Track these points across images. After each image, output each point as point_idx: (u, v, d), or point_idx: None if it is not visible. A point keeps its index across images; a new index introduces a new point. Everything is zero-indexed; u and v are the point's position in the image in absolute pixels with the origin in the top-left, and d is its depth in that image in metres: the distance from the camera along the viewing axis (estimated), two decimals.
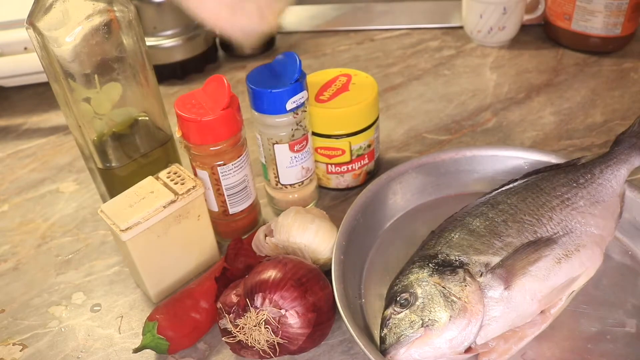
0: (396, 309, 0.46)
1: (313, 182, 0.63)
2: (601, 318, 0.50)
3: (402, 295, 0.46)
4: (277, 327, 0.45)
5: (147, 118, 0.60)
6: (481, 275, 0.46)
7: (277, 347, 0.46)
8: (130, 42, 0.54)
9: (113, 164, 0.58)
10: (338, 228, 0.54)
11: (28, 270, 0.60)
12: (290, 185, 0.61)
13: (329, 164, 0.63)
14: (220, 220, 0.59)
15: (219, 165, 0.54)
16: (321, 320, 0.47)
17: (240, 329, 0.46)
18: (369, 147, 0.63)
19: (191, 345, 0.51)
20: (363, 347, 0.44)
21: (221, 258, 0.56)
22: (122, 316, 0.55)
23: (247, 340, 0.46)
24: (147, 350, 0.50)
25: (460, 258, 0.48)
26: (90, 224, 0.65)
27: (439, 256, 0.49)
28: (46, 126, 0.82)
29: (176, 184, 0.53)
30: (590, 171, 0.54)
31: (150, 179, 0.54)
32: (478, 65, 0.87)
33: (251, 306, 0.46)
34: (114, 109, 0.57)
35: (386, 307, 0.47)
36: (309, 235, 0.53)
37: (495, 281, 0.46)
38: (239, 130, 0.54)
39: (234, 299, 0.47)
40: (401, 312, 0.45)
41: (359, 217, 0.56)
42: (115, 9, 0.52)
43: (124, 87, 0.56)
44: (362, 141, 0.62)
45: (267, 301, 0.46)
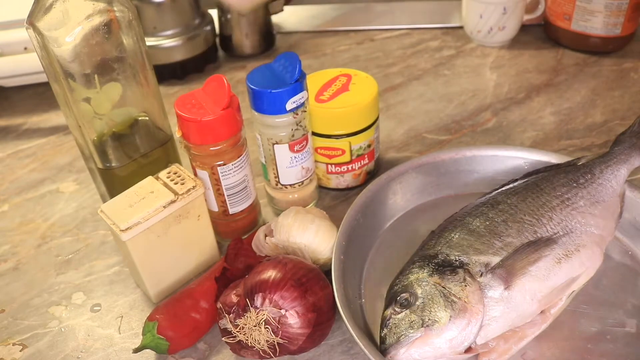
0: (396, 309, 0.46)
1: (313, 182, 0.63)
2: (601, 318, 0.50)
3: (402, 295, 0.46)
4: (277, 327, 0.45)
5: (147, 118, 0.60)
6: (481, 275, 0.46)
7: (277, 347, 0.46)
8: (130, 42, 0.54)
9: (113, 164, 0.58)
10: (338, 228, 0.54)
11: (28, 270, 0.60)
12: (290, 185, 0.61)
13: (329, 164, 0.63)
14: (220, 220, 0.59)
15: (219, 165, 0.54)
16: (321, 320, 0.47)
17: (240, 329, 0.46)
18: (369, 147, 0.63)
19: (191, 345, 0.51)
20: (363, 347, 0.44)
21: (221, 258, 0.56)
22: (122, 316, 0.55)
23: (247, 340, 0.46)
24: (147, 350, 0.50)
25: (460, 258, 0.48)
26: (90, 224, 0.65)
27: (439, 256, 0.49)
28: (46, 126, 0.82)
29: (176, 184, 0.53)
30: (590, 171, 0.54)
31: (150, 179, 0.54)
32: (478, 65, 0.87)
33: (251, 306, 0.46)
34: (114, 109, 0.57)
35: (386, 307, 0.47)
36: (309, 235, 0.53)
37: (495, 281, 0.46)
38: (239, 130, 0.54)
39: (234, 299, 0.47)
40: (401, 312, 0.45)
41: (359, 217, 0.56)
42: (115, 9, 0.52)
43: (124, 87, 0.56)
44: (362, 141, 0.62)
45: (267, 301, 0.46)
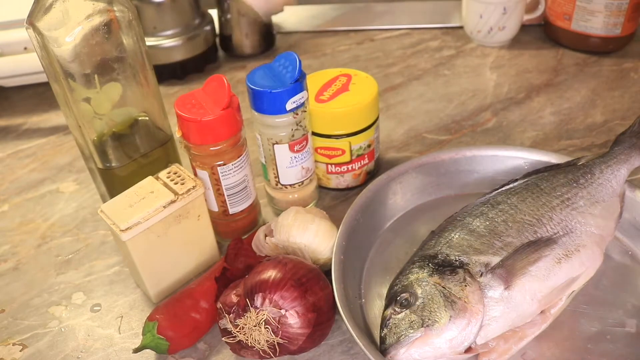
0: (396, 309, 0.46)
1: (313, 182, 0.63)
2: (601, 318, 0.50)
3: (402, 295, 0.46)
4: (277, 327, 0.45)
5: (147, 118, 0.60)
6: (481, 275, 0.46)
7: (277, 347, 0.46)
8: (130, 42, 0.54)
9: (113, 164, 0.58)
10: (338, 228, 0.54)
11: (28, 270, 0.60)
12: (290, 185, 0.61)
13: (329, 164, 0.63)
14: (220, 220, 0.59)
15: (219, 165, 0.54)
16: (321, 320, 0.47)
17: (240, 329, 0.46)
18: (369, 147, 0.63)
19: (191, 345, 0.51)
20: (363, 347, 0.44)
21: (221, 258, 0.56)
22: (122, 316, 0.55)
23: (247, 340, 0.46)
24: (147, 350, 0.50)
25: (460, 258, 0.48)
26: (90, 224, 0.65)
27: (439, 256, 0.49)
28: (46, 126, 0.82)
29: (176, 184, 0.53)
30: (590, 171, 0.54)
31: (150, 179, 0.54)
32: (478, 65, 0.87)
33: (251, 306, 0.46)
34: (114, 109, 0.57)
35: (386, 307, 0.47)
36: (309, 235, 0.53)
37: (495, 281, 0.46)
38: (239, 130, 0.54)
39: (234, 299, 0.47)
40: (401, 312, 0.45)
41: (359, 217, 0.56)
42: (115, 9, 0.52)
43: (124, 87, 0.56)
44: (362, 141, 0.62)
45: (267, 301, 0.46)
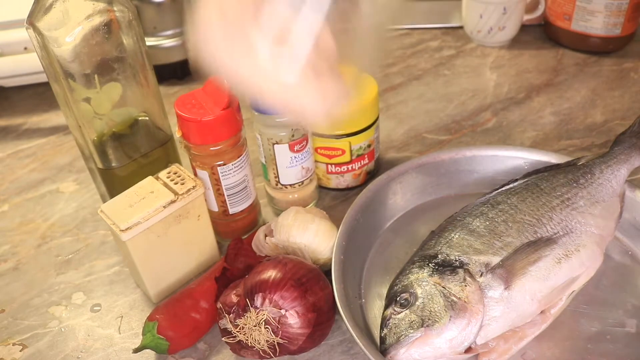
0: (396, 309, 0.46)
1: (313, 182, 0.63)
2: (601, 318, 0.49)
3: (402, 295, 0.46)
4: (277, 327, 0.45)
5: (147, 118, 0.60)
6: (481, 275, 0.46)
7: (277, 347, 0.46)
8: (130, 42, 0.54)
9: (113, 164, 0.58)
10: (338, 228, 0.54)
11: (28, 270, 0.60)
12: (290, 185, 0.61)
13: (329, 164, 0.63)
14: (220, 220, 0.59)
15: (219, 165, 0.54)
16: (321, 320, 0.47)
17: (240, 329, 0.46)
18: (369, 147, 0.63)
19: (191, 345, 0.51)
20: (363, 347, 0.44)
21: (221, 258, 0.56)
22: (122, 316, 0.55)
23: (247, 340, 0.46)
24: (147, 350, 0.50)
25: (460, 258, 0.48)
26: (90, 224, 0.65)
27: (439, 256, 0.49)
28: (46, 126, 0.82)
29: (176, 184, 0.53)
30: (590, 171, 0.54)
31: (150, 179, 0.54)
32: (478, 65, 0.87)
33: (251, 306, 0.46)
34: (114, 109, 0.57)
35: (386, 307, 0.47)
36: (309, 235, 0.53)
37: (495, 281, 0.46)
38: (239, 130, 0.54)
39: (234, 299, 0.47)
40: (401, 312, 0.45)
41: (359, 217, 0.56)
42: (115, 9, 0.52)
43: (124, 87, 0.56)
44: (362, 141, 0.62)
45: (267, 301, 0.46)
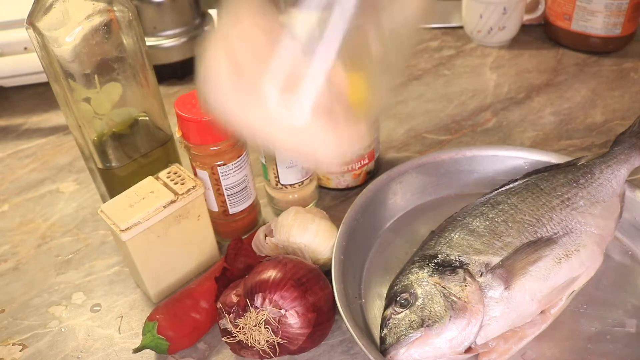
0: (396, 309, 0.46)
1: (313, 182, 0.63)
2: (601, 318, 0.50)
3: (402, 295, 0.46)
4: (277, 327, 0.45)
5: (147, 118, 0.60)
6: (481, 275, 0.46)
7: (277, 347, 0.46)
8: (130, 42, 0.54)
9: (113, 164, 0.58)
10: (338, 228, 0.54)
11: (28, 270, 0.60)
12: (290, 185, 0.61)
13: None
14: (220, 220, 0.59)
15: (219, 165, 0.54)
16: (321, 320, 0.47)
17: (240, 329, 0.46)
18: (369, 147, 0.63)
19: (191, 345, 0.51)
20: (363, 347, 0.44)
21: (221, 258, 0.56)
22: (122, 316, 0.55)
23: (247, 340, 0.46)
24: (147, 350, 0.50)
25: (460, 258, 0.48)
26: (90, 224, 0.65)
27: (439, 256, 0.49)
28: (46, 126, 0.82)
29: (176, 184, 0.53)
30: (590, 171, 0.54)
31: (150, 179, 0.54)
32: (478, 65, 0.87)
33: (251, 306, 0.46)
34: (114, 109, 0.57)
35: (386, 307, 0.47)
36: (309, 235, 0.53)
37: (495, 281, 0.46)
38: None
39: (234, 299, 0.47)
40: (401, 312, 0.45)
41: (359, 217, 0.56)
42: (115, 9, 0.52)
43: (124, 87, 0.56)
44: None
45: (267, 301, 0.46)
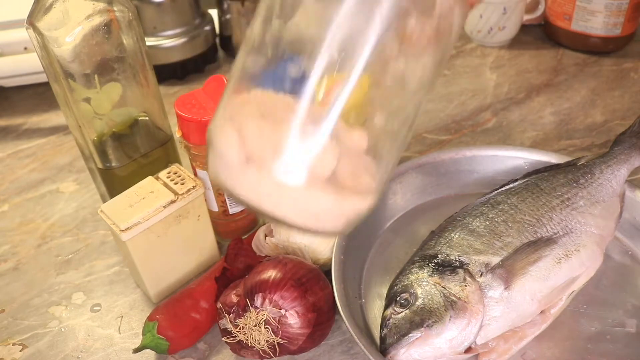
0: (396, 309, 0.46)
1: None
2: (601, 318, 0.50)
3: (402, 295, 0.46)
4: (277, 327, 0.45)
5: (147, 118, 0.60)
6: (481, 275, 0.46)
7: (277, 347, 0.46)
8: (130, 42, 0.54)
9: (113, 164, 0.58)
10: None
11: (28, 270, 0.60)
12: None
13: None
14: (220, 220, 0.59)
15: None
16: (321, 320, 0.47)
17: (240, 329, 0.46)
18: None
19: (191, 345, 0.51)
20: (363, 347, 0.44)
21: (221, 258, 0.56)
22: (122, 316, 0.55)
23: (247, 340, 0.46)
24: (147, 350, 0.50)
25: (460, 258, 0.48)
26: (90, 224, 0.65)
27: (439, 256, 0.49)
28: (46, 126, 0.82)
29: (176, 184, 0.53)
30: (590, 171, 0.54)
31: (150, 179, 0.54)
32: (478, 65, 0.87)
33: (251, 306, 0.46)
34: (114, 109, 0.57)
35: (386, 307, 0.47)
36: (309, 235, 0.53)
37: (495, 281, 0.46)
38: None
39: (234, 299, 0.47)
40: (401, 312, 0.45)
41: None
42: (115, 9, 0.52)
43: (124, 87, 0.56)
44: None
45: (267, 301, 0.46)
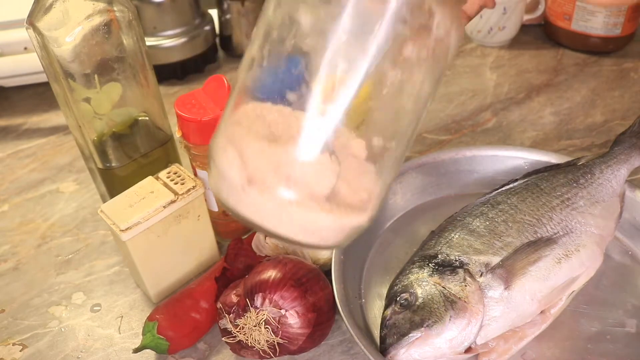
0: (396, 309, 0.46)
1: None
2: (601, 318, 0.50)
3: (402, 295, 0.46)
4: (277, 327, 0.45)
5: (147, 118, 0.60)
6: (481, 275, 0.46)
7: (277, 347, 0.46)
8: (130, 42, 0.54)
9: (113, 164, 0.58)
10: None
11: (28, 270, 0.60)
12: None
13: None
14: (220, 220, 0.59)
15: None
16: (321, 320, 0.47)
17: (240, 329, 0.46)
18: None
19: (191, 345, 0.51)
20: (363, 347, 0.44)
21: (221, 258, 0.56)
22: (122, 316, 0.55)
23: (247, 340, 0.46)
24: (147, 350, 0.50)
25: (460, 258, 0.48)
26: (90, 224, 0.65)
27: (439, 256, 0.49)
28: (46, 126, 0.82)
29: (176, 184, 0.53)
30: (590, 171, 0.54)
31: (150, 179, 0.54)
32: (478, 65, 0.87)
33: (251, 306, 0.46)
34: (114, 109, 0.57)
35: (386, 307, 0.47)
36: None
37: (495, 281, 0.46)
38: None
39: (234, 299, 0.47)
40: (401, 312, 0.45)
41: None
42: (115, 9, 0.52)
43: (124, 87, 0.56)
44: None
45: (267, 301, 0.46)
